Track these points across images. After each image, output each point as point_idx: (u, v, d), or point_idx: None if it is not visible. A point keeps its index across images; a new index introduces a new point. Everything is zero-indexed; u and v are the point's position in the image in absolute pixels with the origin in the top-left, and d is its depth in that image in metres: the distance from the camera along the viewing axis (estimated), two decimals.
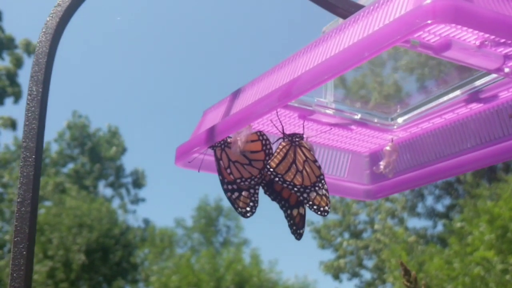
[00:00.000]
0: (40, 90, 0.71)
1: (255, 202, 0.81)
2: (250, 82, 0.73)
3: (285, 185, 0.78)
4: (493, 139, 0.73)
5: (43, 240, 11.07)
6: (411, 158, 0.83)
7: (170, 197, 20.90)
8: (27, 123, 0.70)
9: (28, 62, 9.36)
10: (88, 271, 11.70)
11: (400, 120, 0.79)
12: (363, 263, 11.49)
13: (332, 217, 12.01)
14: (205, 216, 13.68)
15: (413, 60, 0.79)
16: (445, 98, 0.73)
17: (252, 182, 0.79)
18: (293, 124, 0.79)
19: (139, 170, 14.31)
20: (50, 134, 13.65)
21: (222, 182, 0.81)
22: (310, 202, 0.79)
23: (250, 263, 11.34)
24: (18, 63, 9.47)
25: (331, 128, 0.79)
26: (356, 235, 11.68)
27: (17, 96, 9.43)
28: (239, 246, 12.88)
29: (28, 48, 9.42)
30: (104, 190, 14.09)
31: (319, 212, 0.79)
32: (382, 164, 0.81)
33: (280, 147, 0.78)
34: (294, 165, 0.78)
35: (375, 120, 0.78)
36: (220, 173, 0.81)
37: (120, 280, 12.01)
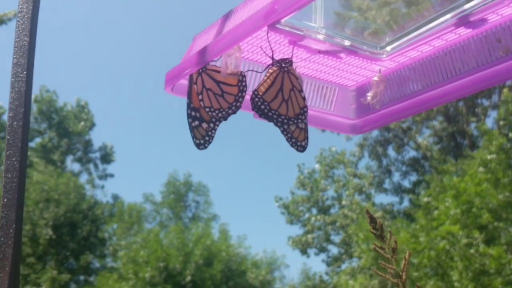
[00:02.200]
0: (31, 7, 0.70)
1: (211, 137, 0.80)
2: (242, 2, 0.73)
3: (270, 113, 0.78)
4: (480, 65, 0.74)
5: None
6: (397, 89, 0.84)
7: (138, 172, 20.82)
8: (17, 39, 0.69)
9: None
10: (56, 245, 11.62)
11: (389, 48, 0.79)
12: (330, 238, 11.62)
13: (300, 193, 12.10)
14: (174, 191, 13.66)
15: None
16: (435, 23, 0.73)
17: (219, 115, 0.78)
18: (283, 52, 0.79)
19: (107, 145, 14.21)
20: None
21: (188, 106, 0.80)
22: (289, 135, 0.80)
23: (219, 238, 11.38)
24: None
25: (321, 56, 0.80)
26: (324, 210, 11.80)
27: None
28: (208, 222, 12.89)
29: None
30: (72, 165, 13.98)
31: (295, 146, 0.80)
32: (369, 95, 0.82)
33: (268, 73, 0.79)
34: (281, 93, 0.78)
35: (365, 48, 0.79)
36: (189, 96, 0.80)
37: (87, 255, 11.96)
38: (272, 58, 0.78)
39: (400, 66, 0.83)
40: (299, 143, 0.80)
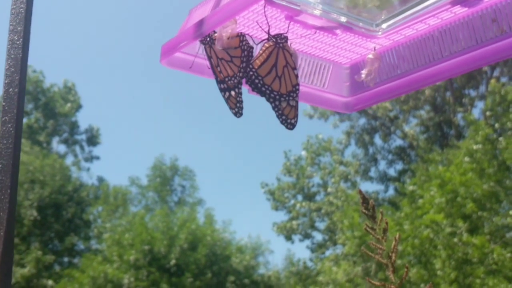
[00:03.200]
0: None
1: (240, 102, 0.81)
2: None
3: (263, 88, 0.78)
4: (475, 44, 0.75)
5: None
6: (391, 68, 0.85)
7: (125, 155, 20.77)
8: (14, 6, 0.69)
9: None
10: (40, 227, 11.59)
11: (384, 25, 0.80)
12: (315, 225, 11.67)
13: (286, 179, 12.13)
14: (160, 175, 13.64)
15: None
16: (431, 1, 0.74)
17: (235, 81, 0.79)
18: (279, 28, 0.80)
19: (94, 127, 14.15)
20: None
21: (216, 81, 0.81)
22: (280, 111, 0.80)
23: (204, 222, 11.39)
24: None
25: (316, 32, 0.80)
26: (310, 197, 11.83)
27: None
28: (193, 206, 12.90)
29: None
30: (57, 146, 13.91)
31: (285, 124, 0.80)
32: (364, 72, 0.82)
33: (264, 48, 0.79)
34: (274, 69, 0.78)
35: (360, 25, 0.79)
36: (214, 71, 0.81)
37: (72, 237, 11.94)
38: (268, 33, 0.78)
39: (395, 44, 0.83)
40: (289, 121, 0.80)
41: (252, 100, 0.84)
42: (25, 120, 13.60)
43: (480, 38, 0.74)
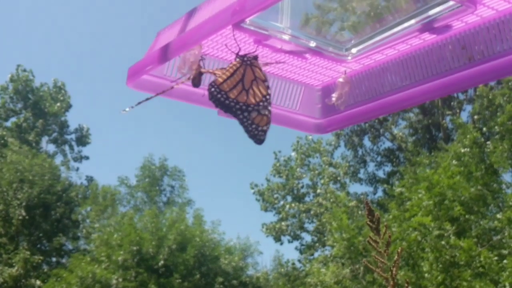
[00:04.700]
0: None
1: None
2: (207, 0, 0.72)
3: (227, 102, 0.77)
4: (444, 71, 0.74)
5: None
6: (362, 91, 0.84)
7: (114, 155, 20.71)
8: None
9: None
10: (28, 226, 11.53)
11: (354, 50, 0.79)
12: (304, 226, 11.67)
13: (275, 180, 12.12)
14: (149, 175, 13.58)
15: None
16: (400, 27, 0.73)
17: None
18: (248, 51, 0.79)
19: (83, 127, 14.09)
20: None
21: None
22: (249, 121, 0.79)
23: (193, 223, 11.35)
24: None
25: (286, 55, 0.79)
26: (299, 198, 11.83)
27: None
28: (182, 206, 12.85)
29: None
30: (47, 146, 13.84)
31: (256, 131, 0.78)
32: (334, 96, 0.82)
33: (231, 65, 0.78)
34: (241, 83, 0.77)
35: (330, 49, 0.79)
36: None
37: (60, 237, 11.88)
38: (237, 53, 0.77)
39: (365, 68, 0.83)
40: (260, 128, 0.79)
41: None
42: (14, 119, 13.55)
43: (449, 64, 0.74)
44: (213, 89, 0.77)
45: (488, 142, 7.38)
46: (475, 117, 8.10)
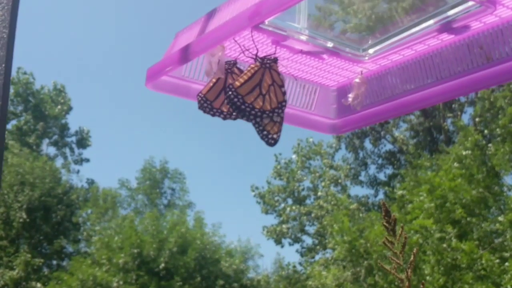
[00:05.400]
0: None
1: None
2: (226, 2, 0.73)
3: (243, 106, 0.78)
4: (462, 71, 0.75)
5: None
6: (378, 92, 0.84)
7: (114, 158, 20.69)
8: None
9: None
10: (29, 229, 11.53)
11: (371, 51, 0.80)
12: (305, 229, 11.65)
13: (276, 182, 12.11)
14: (150, 178, 13.58)
15: None
16: (418, 28, 0.74)
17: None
18: (265, 51, 0.79)
19: (84, 129, 14.09)
20: None
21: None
22: (261, 127, 0.79)
23: (194, 226, 11.34)
24: None
25: (303, 56, 0.79)
26: (300, 201, 11.82)
27: None
28: (183, 209, 12.85)
29: None
30: (47, 148, 13.84)
31: (266, 139, 0.79)
32: (350, 96, 0.82)
33: (249, 68, 0.78)
34: (258, 88, 0.78)
35: (347, 50, 0.79)
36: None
37: (61, 239, 11.88)
38: (256, 55, 0.78)
39: (382, 68, 0.83)
40: (270, 136, 0.79)
41: None
42: (14, 122, 13.55)
43: (467, 65, 0.74)
44: (230, 93, 0.77)
45: (490, 145, 7.37)
46: (477, 119, 8.10)
